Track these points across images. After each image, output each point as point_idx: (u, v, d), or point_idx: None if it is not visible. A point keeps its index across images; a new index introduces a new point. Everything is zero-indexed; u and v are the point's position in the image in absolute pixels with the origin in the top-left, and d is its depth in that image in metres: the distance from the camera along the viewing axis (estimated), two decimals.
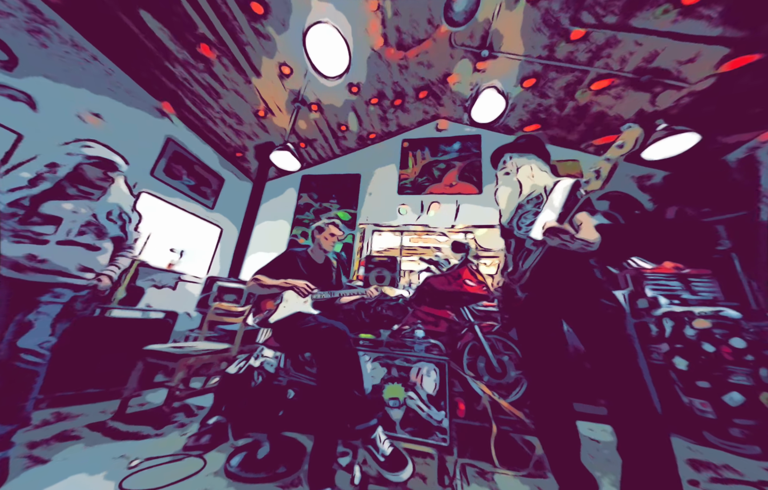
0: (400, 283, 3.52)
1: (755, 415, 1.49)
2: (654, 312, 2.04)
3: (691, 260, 2.44)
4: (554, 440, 1.04)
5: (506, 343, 1.99)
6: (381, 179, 4.42)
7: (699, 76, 2.54)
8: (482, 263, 3.52)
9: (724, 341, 1.63)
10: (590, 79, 2.98)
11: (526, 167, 1.24)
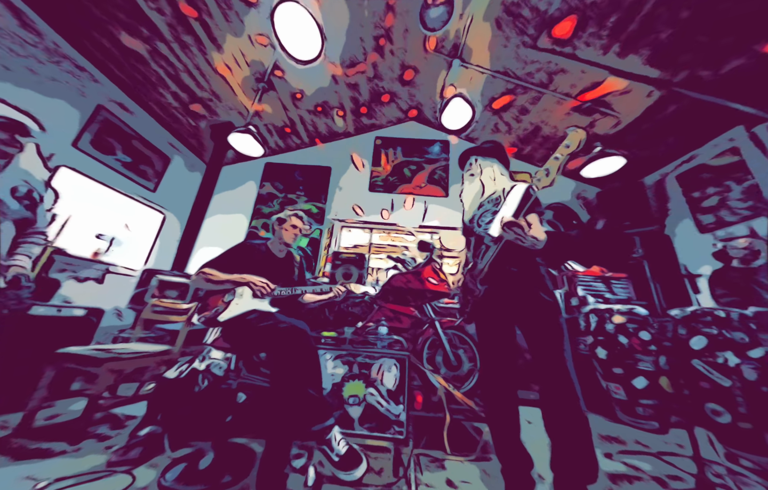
0: (367, 280, 3.51)
1: (656, 395, 1.82)
2: (583, 309, 2.35)
3: (613, 265, 2.88)
4: (500, 423, 1.14)
5: (462, 337, 2.12)
6: (353, 174, 4.34)
7: (630, 107, 2.99)
8: (445, 263, 3.69)
9: (635, 334, 1.95)
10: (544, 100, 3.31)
11: (489, 170, 1.35)
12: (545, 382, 1.06)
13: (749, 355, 1.62)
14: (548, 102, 3.30)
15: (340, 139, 4.51)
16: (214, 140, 4.02)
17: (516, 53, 2.91)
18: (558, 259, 3.24)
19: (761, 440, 1.42)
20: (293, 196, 4.19)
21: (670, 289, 2.91)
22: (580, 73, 2.85)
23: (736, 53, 2.22)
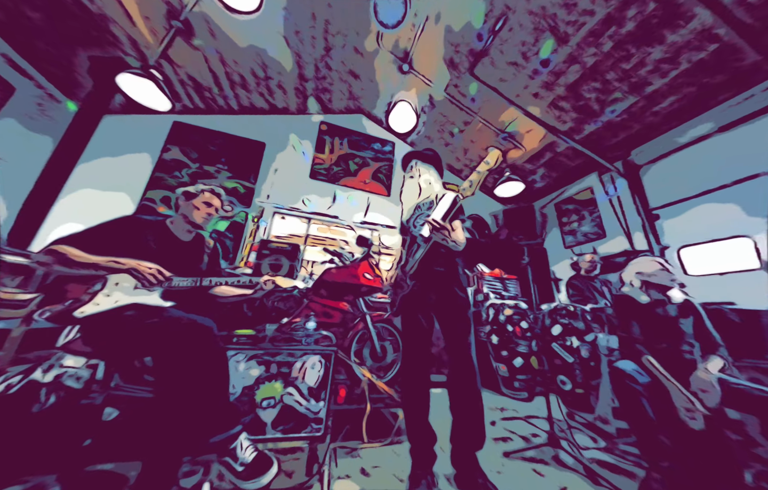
0: (300, 273, 3.30)
1: (528, 372, 2.34)
2: (485, 303, 2.83)
3: (508, 268, 3.56)
4: (413, 405, 1.25)
5: (390, 330, 2.24)
6: (292, 157, 3.97)
7: (531, 144, 3.72)
8: (382, 259, 3.82)
9: (518, 323, 2.46)
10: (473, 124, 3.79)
11: (427, 175, 1.48)
12: (453, 365, 1.23)
13: (585, 339, 2.27)
14: (477, 126, 3.79)
15: (280, 115, 4.05)
16: (95, 78, 3.00)
17: (457, 74, 3.22)
18: (472, 261, 3.79)
19: (588, 401, 2.01)
20: (211, 170, 3.54)
21: (543, 289, 3.84)
22: (503, 106, 3.37)
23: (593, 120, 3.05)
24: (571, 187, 4.10)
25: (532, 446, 1.56)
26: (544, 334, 2.33)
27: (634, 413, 1.34)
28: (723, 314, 1.86)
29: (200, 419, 0.97)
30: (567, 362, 2.16)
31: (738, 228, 2.31)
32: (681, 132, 2.79)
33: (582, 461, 1.41)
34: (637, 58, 2.40)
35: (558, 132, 3.29)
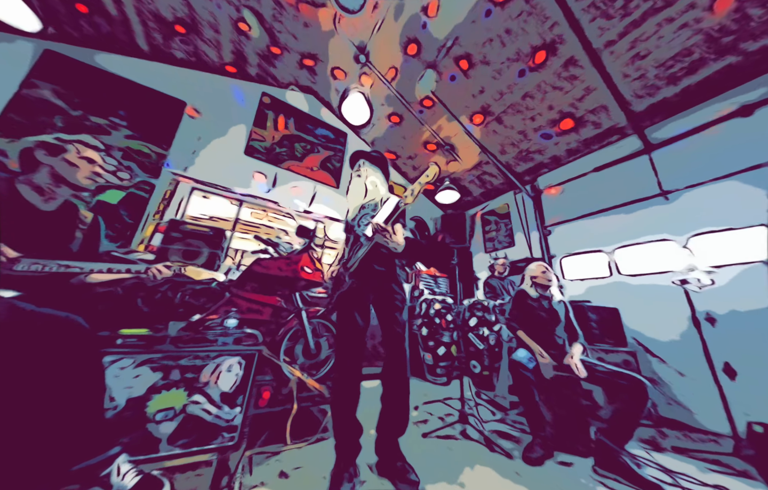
0: (224, 263, 2.89)
1: (448, 359, 2.63)
2: (420, 298, 3.06)
3: (441, 267, 3.94)
4: (344, 399, 1.25)
5: (327, 325, 2.19)
6: (222, 125, 3.40)
7: (468, 158, 4.16)
8: (326, 253, 3.68)
9: (444, 316, 2.75)
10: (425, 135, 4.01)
11: (374, 177, 1.51)
12: (388, 358, 1.29)
13: (493, 329, 2.68)
14: (423, 133, 4.02)
15: (210, 74, 3.41)
16: None
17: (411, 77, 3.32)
18: (412, 259, 4.04)
19: (491, 381, 2.39)
20: (104, 123, 2.74)
21: (467, 287, 4.40)
22: (447, 119, 3.65)
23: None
24: (493, 201, 4.78)
25: (446, 424, 1.77)
26: (463, 325, 2.67)
27: (523, 392, 1.67)
28: (583, 309, 2.49)
29: (57, 443, 0.74)
30: (479, 348, 2.54)
31: (599, 244, 3.11)
32: (576, 167, 3.58)
33: (483, 433, 1.67)
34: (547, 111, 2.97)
35: (489, 152, 3.79)
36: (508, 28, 2.54)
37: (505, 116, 3.34)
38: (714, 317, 2.07)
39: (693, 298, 2.05)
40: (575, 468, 1.43)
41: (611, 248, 2.97)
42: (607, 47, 2.36)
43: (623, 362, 2.17)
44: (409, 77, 3.33)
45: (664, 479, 1.34)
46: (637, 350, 2.29)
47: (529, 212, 4.04)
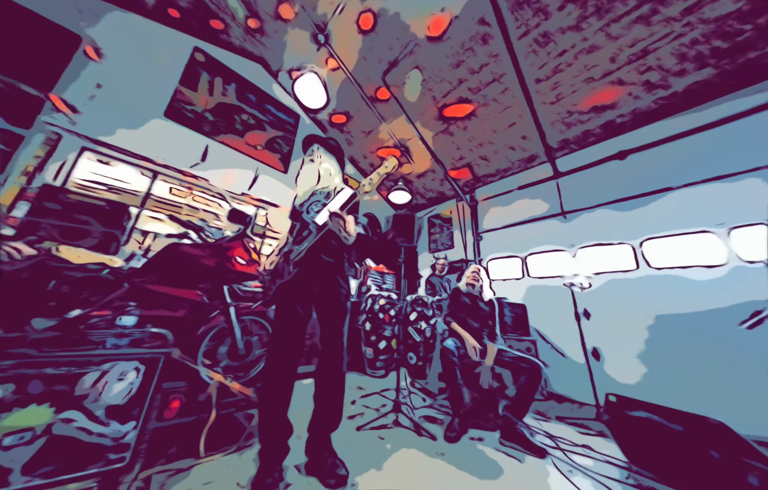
0: (127, 247, 2.36)
1: (388, 352, 2.73)
2: (366, 294, 3.09)
3: (389, 264, 4.06)
4: (275, 400, 1.15)
5: (260, 323, 2.00)
6: (136, 74, 2.71)
7: (421, 162, 4.34)
8: (266, 243, 3.35)
9: (388, 311, 2.84)
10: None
11: (328, 165, 1.43)
12: (325, 354, 1.25)
13: (430, 322, 2.90)
14: (380, 131, 4.03)
15: (121, 10, 2.68)
16: None
17: (370, 73, 3.26)
18: (363, 255, 4.04)
19: (425, 370, 2.58)
20: None
21: (411, 283, 4.65)
22: (403, 122, 3.72)
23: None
24: (440, 206, 5.15)
25: (380, 415, 1.83)
26: (404, 320, 2.81)
27: (449, 376, 1.86)
28: (501, 305, 2.91)
29: None
30: (416, 341, 2.71)
31: (516, 250, 3.66)
32: (507, 183, 4.10)
33: (413, 419, 1.79)
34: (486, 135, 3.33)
35: (438, 160, 4.05)
36: (457, 54, 2.76)
37: (452, 128, 3.60)
38: (589, 312, 2.68)
39: (576, 297, 2.61)
40: (485, 442, 1.66)
41: (525, 254, 3.55)
42: (537, 83, 2.77)
43: (526, 348, 2.63)
44: (367, 75, 3.28)
45: (549, 443, 1.68)
46: (536, 339, 2.80)
47: (467, 219, 4.49)
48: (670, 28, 2.12)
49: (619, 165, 2.89)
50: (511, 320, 2.95)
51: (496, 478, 1.30)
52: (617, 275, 2.69)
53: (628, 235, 2.71)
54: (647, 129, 2.74)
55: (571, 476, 1.35)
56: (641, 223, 2.64)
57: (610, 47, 2.34)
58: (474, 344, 1.94)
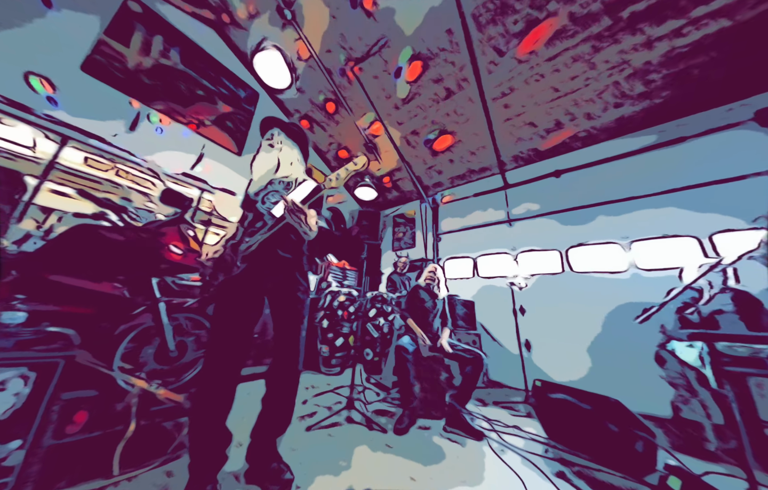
0: (19, 226, 1.90)
1: (345, 349, 2.71)
2: (326, 290, 3.01)
3: (352, 260, 4.02)
4: (212, 406, 1.04)
5: (199, 320, 1.79)
6: (43, 19, 2.16)
7: (388, 162, 4.37)
8: (212, 232, 3.01)
9: (347, 308, 2.81)
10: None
11: (290, 152, 1.32)
12: (279, 354, 1.16)
13: (389, 319, 2.95)
14: (348, 125, 3.93)
15: None
16: None
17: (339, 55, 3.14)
18: (324, 250, 3.92)
19: (380, 366, 2.62)
20: None
21: (373, 280, 4.69)
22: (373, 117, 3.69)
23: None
24: (405, 206, 5.28)
25: (333, 413, 1.81)
26: (363, 316, 2.82)
27: (401, 371, 1.92)
28: (453, 302, 3.12)
29: None
30: (374, 337, 2.75)
31: (469, 252, 3.95)
32: (468, 190, 4.37)
33: (365, 414, 1.81)
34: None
35: (405, 161, 4.13)
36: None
37: (421, 131, 3.71)
38: (524, 309, 3.03)
39: (515, 295, 2.94)
40: (431, 430, 1.76)
41: (476, 255, 3.88)
42: (495, 101, 3.01)
43: (472, 341, 2.87)
44: (335, 65, 3.17)
45: (486, 427, 1.86)
46: (481, 333, 3.08)
47: (428, 221, 4.70)
48: (601, 70, 2.50)
49: (554, 181, 3.32)
50: (462, 315, 3.20)
51: (439, 462, 1.39)
52: (547, 277, 3.12)
53: (557, 242, 3.15)
54: (579, 153, 3.20)
55: (502, 454, 1.52)
56: (568, 233, 3.09)
57: (554, 78, 2.66)
58: (423, 336, 2.08)
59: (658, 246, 2.57)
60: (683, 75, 2.35)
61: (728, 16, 1.97)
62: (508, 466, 1.40)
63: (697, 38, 2.13)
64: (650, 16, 2.11)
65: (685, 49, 2.20)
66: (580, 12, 2.22)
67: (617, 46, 2.31)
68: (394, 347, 2.33)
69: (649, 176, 2.70)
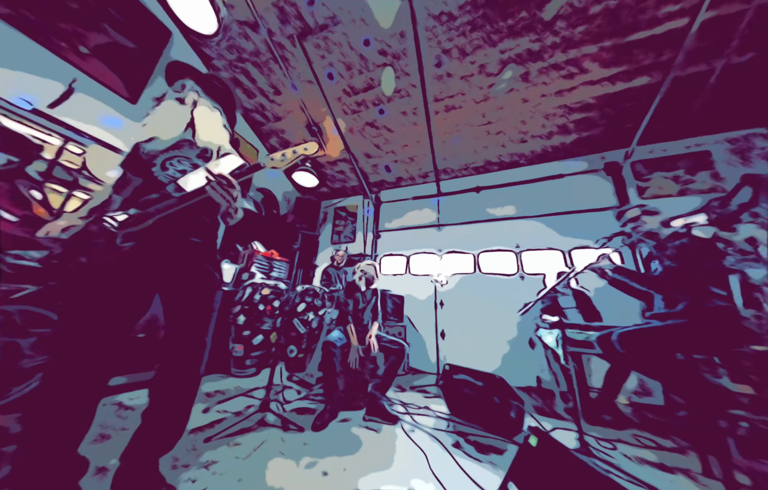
0: None
1: (264, 348, 2.49)
2: (247, 282, 2.68)
3: (283, 250, 3.72)
4: (62, 430, 0.78)
5: (41, 315, 1.32)
6: None
7: (333, 151, 4.17)
8: (78, 197, 2.25)
9: (271, 302, 2.58)
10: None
11: (210, 114, 1.11)
12: (173, 357, 0.93)
13: (319, 313, 2.86)
14: (293, 104, 3.57)
15: None
16: None
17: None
18: (249, 236, 3.48)
19: (304, 363, 2.51)
20: None
21: (307, 273, 4.47)
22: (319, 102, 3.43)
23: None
24: (348, 200, 5.20)
25: (242, 418, 1.64)
26: (291, 311, 2.64)
27: (327, 366, 1.88)
28: (385, 296, 3.27)
29: None
30: (300, 333, 2.61)
31: (403, 249, 4.22)
32: (405, 192, 4.59)
33: (281, 415, 1.70)
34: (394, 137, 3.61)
35: (351, 153, 4.04)
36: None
37: (367, 128, 3.70)
38: (444, 302, 3.43)
39: (438, 291, 3.30)
40: (352, 421, 1.80)
41: (409, 254, 4.19)
42: (437, 114, 3.26)
43: (398, 333, 3.08)
44: (278, 26, 2.83)
45: (401, 410, 2.01)
46: (406, 325, 3.34)
47: (370, 217, 4.77)
48: (521, 109, 3.01)
49: (475, 196, 3.88)
50: (392, 309, 3.38)
51: (354, 452, 1.42)
52: (464, 276, 3.63)
53: (473, 247, 3.71)
54: (496, 174, 3.81)
55: (412, 434, 1.67)
56: (481, 239, 3.68)
57: (485, 105, 3.07)
58: (353, 332, 2.09)
59: (538, 255, 3.32)
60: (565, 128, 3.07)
61: (611, 81, 2.64)
62: (415, 444, 1.55)
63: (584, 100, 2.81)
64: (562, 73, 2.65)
65: (576, 105, 2.88)
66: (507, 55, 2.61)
67: (537, 88, 2.81)
68: (321, 343, 2.27)
69: (538, 200, 3.46)
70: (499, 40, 2.53)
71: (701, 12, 2.03)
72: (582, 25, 2.31)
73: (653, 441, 1.77)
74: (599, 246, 1.83)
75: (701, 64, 2.37)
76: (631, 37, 2.31)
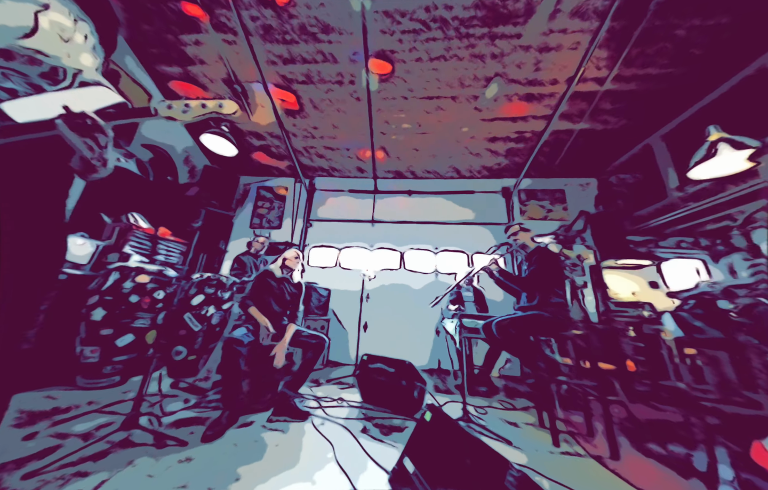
0: None
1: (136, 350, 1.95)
2: (115, 264, 2.03)
3: (179, 230, 3.01)
4: None
5: None
6: None
7: (261, 119, 3.58)
8: None
9: (150, 293, 2.03)
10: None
11: (66, 23, 0.79)
12: None
13: (223, 307, 2.45)
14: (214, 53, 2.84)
15: None
16: None
17: None
18: (125, 205, 2.63)
19: (196, 366, 2.11)
20: None
21: (211, 259, 3.76)
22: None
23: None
24: (276, 180, 4.65)
25: (91, 441, 1.23)
26: (180, 304, 2.15)
27: (230, 367, 1.62)
28: (310, 289, 3.11)
29: None
30: (193, 330, 2.17)
31: (334, 242, 4.11)
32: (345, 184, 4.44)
33: (156, 430, 1.37)
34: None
35: (284, 129, 3.58)
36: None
37: (309, 110, 3.36)
38: (369, 296, 3.55)
39: (365, 285, 3.38)
40: (254, 425, 1.62)
41: (341, 247, 4.13)
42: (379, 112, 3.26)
43: (321, 327, 2.99)
44: None
45: (313, 405, 1.95)
46: (330, 318, 3.29)
47: (302, 204, 4.42)
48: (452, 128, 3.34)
49: (408, 198, 4.18)
50: (317, 303, 3.24)
51: (256, 459, 1.28)
52: (391, 271, 3.85)
53: (401, 244, 3.98)
54: (427, 181, 4.19)
55: (321, 427, 1.64)
56: (409, 237, 3.99)
57: (425, 117, 3.27)
58: (267, 325, 1.85)
59: (450, 256, 3.85)
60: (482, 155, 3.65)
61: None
62: (323, 436, 1.53)
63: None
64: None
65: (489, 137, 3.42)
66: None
67: (478, 114, 3.17)
68: (222, 343, 1.95)
69: (456, 209, 4.01)
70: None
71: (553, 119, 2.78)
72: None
73: (511, 404, 2.32)
74: (490, 252, 2.25)
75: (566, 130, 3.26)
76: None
